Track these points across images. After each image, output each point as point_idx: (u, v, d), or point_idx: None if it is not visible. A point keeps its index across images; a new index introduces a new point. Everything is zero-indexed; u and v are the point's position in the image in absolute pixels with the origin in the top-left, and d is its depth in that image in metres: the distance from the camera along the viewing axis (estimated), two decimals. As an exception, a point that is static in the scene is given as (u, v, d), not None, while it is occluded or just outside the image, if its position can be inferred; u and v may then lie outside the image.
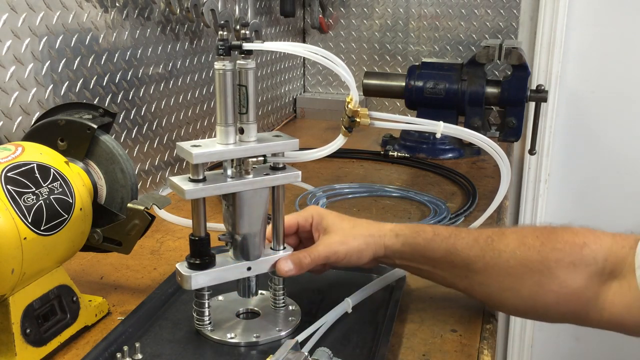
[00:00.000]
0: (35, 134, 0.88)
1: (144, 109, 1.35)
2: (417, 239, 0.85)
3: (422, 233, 0.85)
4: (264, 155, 0.80)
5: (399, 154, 1.65)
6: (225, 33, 0.75)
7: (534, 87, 1.69)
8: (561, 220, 2.27)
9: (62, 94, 1.11)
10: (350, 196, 1.39)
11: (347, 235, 0.86)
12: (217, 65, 0.76)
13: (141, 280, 1.01)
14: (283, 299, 0.88)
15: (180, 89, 1.48)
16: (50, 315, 0.80)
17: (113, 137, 0.90)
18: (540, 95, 1.67)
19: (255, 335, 0.82)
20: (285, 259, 0.83)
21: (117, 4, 1.24)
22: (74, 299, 0.83)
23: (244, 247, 0.82)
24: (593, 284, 0.78)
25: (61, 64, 1.11)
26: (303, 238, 0.92)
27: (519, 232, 0.83)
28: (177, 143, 0.79)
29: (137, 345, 0.77)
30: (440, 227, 0.87)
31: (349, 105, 0.80)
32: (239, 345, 0.81)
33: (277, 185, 0.83)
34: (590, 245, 0.79)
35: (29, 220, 0.73)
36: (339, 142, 0.82)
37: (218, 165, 1.12)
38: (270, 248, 0.86)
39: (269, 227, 0.85)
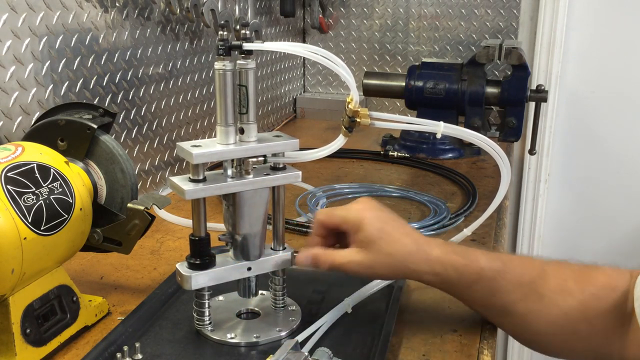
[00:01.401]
0: (35, 134, 0.88)
1: (144, 109, 1.35)
2: (460, 281, 0.80)
3: (467, 276, 0.79)
4: (264, 156, 0.80)
5: (399, 154, 1.65)
6: (225, 33, 0.75)
7: (534, 87, 1.69)
8: (561, 220, 2.26)
9: (62, 94, 1.11)
10: (350, 196, 1.39)
11: (377, 262, 0.80)
12: (217, 65, 0.76)
13: (141, 280, 1.01)
14: (283, 299, 0.88)
15: (180, 89, 1.48)
16: (50, 315, 0.80)
17: (113, 137, 0.90)
18: (540, 95, 1.67)
19: (255, 335, 0.82)
20: (307, 253, 0.82)
21: (117, 4, 1.24)
22: (74, 299, 0.83)
23: (244, 247, 0.82)
24: (618, 326, 0.77)
25: (61, 64, 1.11)
26: (343, 235, 0.85)
27: (560, 273, 0.80)
28: (177, 143, 0.79)
29: (137, 345, 0.77)
30: (487, 261, 0.80)
31: (349, 105, 0.80)
32: (239, 345, 0.81)
33: (278, 185, 0.83)
34: (618, 286, 0.77)
35: (29, 220, 0.73)
36: (339, 142, 0.82)
37: (218, 165, 1.12)
38: (271, 248, 0.86)
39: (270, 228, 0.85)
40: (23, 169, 0.76)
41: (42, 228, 0.75)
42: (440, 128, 0.84)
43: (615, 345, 0.78)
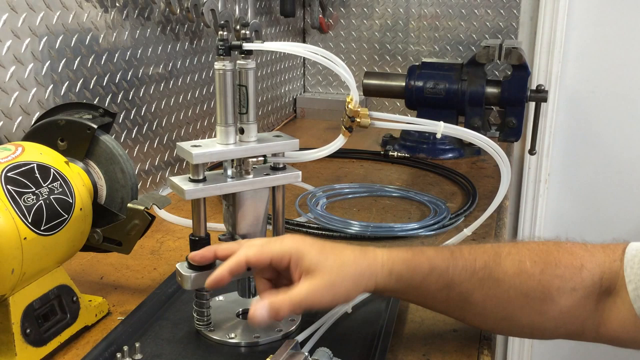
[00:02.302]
0: (35, 134, 0.88)
1: (144, 109, 1.35)
2: (413, 276, 0.76)
3: (417, 269, 0.76)
4: (264, 156, 0.80)
5: (399, 154, 1.65)
6: (225, 33, 0.75)
7: (534, 87, 1.69)
8: (561, 220, 2.26)
9: (62, 94, 1.11)
10: (350, 196, 1.39)
11: (333, 277, 0.73)
12: (217, 65, 0.76)
13: (141, 280, 1.01)
14: (283, 299, 0.88)
15: (180, 89, 1.48)
16: (50, 315, 0.80)
17: (113, 137, 0.90)
18: (540, 95, 1.67)
19: (255, 335, 0.82)
20: (261, 305, 0.71)
21: (117, 4, 1.24)
22: (74, 299, 0.83)
23: (244, 247, 0.82)
24: (590, 303, 0.76)
25: (61, 64, 1.11)
26: (280, 270, 0.77)
27: (515, 255, 0.77)
28: (177, 143, 0.79)
29: (137, 345, 0.77)
30: (437, 255, 0.77)
31: (349, 105, 0.80)
32: (239, 345, 0.81)
33: (278, 185, 0.83)
34: (586, 266, 0.75)
35: (29, 220, 0.73)
36: (339, 142, 0.82)
37: (218, 165, 1.12)
38: (270, 248, 0.86)
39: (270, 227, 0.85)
40: (23, 169, 0.76)
41: (42, 228, 0.75)
42: (440, 128, 0.84)
43: (588, 322, 0.76)
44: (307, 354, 0.73)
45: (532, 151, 1.79)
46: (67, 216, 0.78)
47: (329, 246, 0.76)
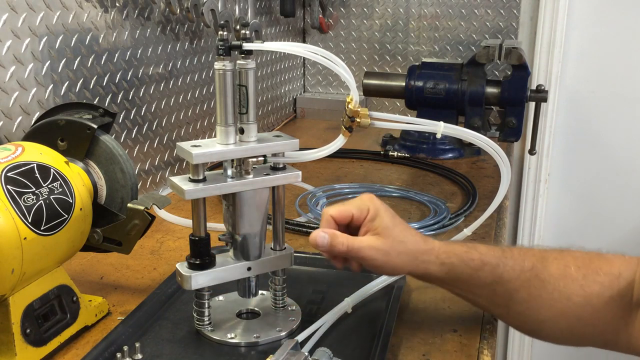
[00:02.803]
0: (35, 134, 0.88)
1: (144, 109, 1.35)
2: (464, 269, 0.80)
3: (470, 262, 0.80)
4: (264, 156, 0.80)
5: (399, 154, 1.65)
6: (225, 33, 0.75)
7: (534, 87, 1.69)
8: (561, 220, 2.26)
9: (62, 94, 1.11)
10: (350, 196, 1.39)
11: (392, 248, 0.79)
12: (217, 65, 0.76)
13: (141, 280, 1.01)
14: (283, 299, 0.88)
15: (180, 89, 1.48)
16: (50, 315, 0.80)
17: (113, 137, 0.90)
18: (540, 95, 1.67)
19: (255, 335, 0.82)
20: (325, 233, 0.79)
21: (117, 4, 1.24)
22: (74, 299, 0.83)
23: (244, 247, 0.82)
24: (624, 313, 0.77)
25: (61, 64, 1.11)
26: (352, 229, 0.84)
27: (560, 260, 0.80)
28: (177, 143, 0.79)
29: (137, 345, 0.77)
30: (488, 252, 0.81)
31: (349, 105, 0.80)
32: (239, 345, 0.81)
33: (278, 185, 0.83)
34: (623, 274, 0.78)
35: (29, 220, 0.73)
36: (339, 142, 0.82)
37: (218, 165, 1.12)
38: (271, 248, 0.86)
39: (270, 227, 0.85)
40: (23, 169, 0.76)
41: (42, 228, 0.75)
42: (440, 128, 0.84)
43: (621, 333, 0.78)
44: (307, 354, 0.73)
45: (532, 151, 1.79)
46: (67, 216, 0.78)
47: (399, 218, 0.83)
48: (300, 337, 0.78)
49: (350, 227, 0.83)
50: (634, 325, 0.77)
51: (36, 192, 0.75)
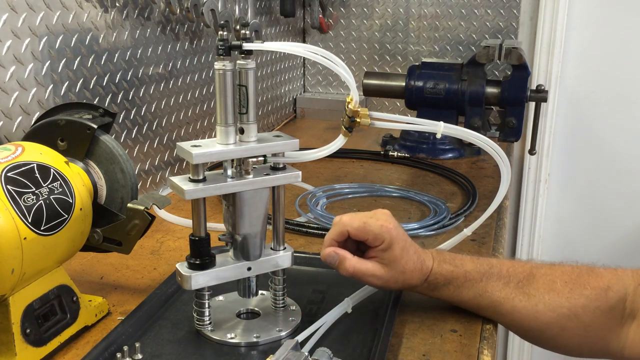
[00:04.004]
0: (35, 134, 0.88)
1: (144, 109, 1.35)
2: (448, 287, 0.86)
3: (452, 280, 0.85)
4: (264, 156, 0.80)
5: (399, 154, 1.65)
6: (225, 33, 0.75)
7: (534, 87, 1.69)
8: (561, 220, 2.26)
9: (62, 94, 1.11)
10: (350, 196, 1.39)
11: (393, 278, 0.85)
12: (217, 65, 0.76)
13: (141, 280, 1.01)
14: (283, 299, 0.88)
15: (180, 89, 1.48)
16: (50, 315, 0.80)
17: (113, 137, 0.90)
18: (540, 95, 1.67)
19: (255, 335, 0.82)
20: (336, 253, 0.84)
21: (117, 4, 1.24)
22: (74, 299, 0.83)
23: (244, 247, 0.82)
24: (615, 325, 0.80)
25: (61, 64, 1.11)
26: (360, 244, 0.88)
27: (549, 276, 0.85)
28: (177, 143, 0.79)
29: (137, 345, 0.77)
30: (474, 268, 0.86)
31: (349, 105, 0.80)
32: (239, 345, 0.81)
33: (278, 185, 0.83)
34: (613, 288, 0.81)
35: (29, 220, 0.73)
36: (339, 142, 0.82)
37: (218, 165, 1.12)
38: (271, 248, 0.86)
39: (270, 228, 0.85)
40: (23, 169, 0.76)
41: (42, 228, 0.75)
42: (440, 128, 0.84)
43: (612, 342, 0.81)
44: (307, 354, 0.73)
45: (532, 151, 1.79)
46: (67, 216, 0.78)
47: (407, 245, 0.85)
48: (300, 337, 0.78)
49: (359, 243, 0.87)
50: (627, 336, 0.80)
51: (36, 192, 0.75)
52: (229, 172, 0.79)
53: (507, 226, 1.45)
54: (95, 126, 0.86)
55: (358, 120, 0.80)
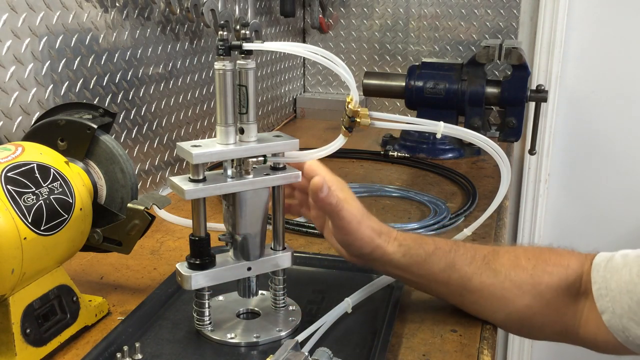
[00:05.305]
0: (35, 134, 0.88)
1: (144, 109, 1.35)
2: (418, 251, 0.84)
3: (424, 245, 0.85)
4: (264, 156, 0.80)
5: (399, 154, 1.65)
6: (225, 33, 0.75)
7: (534, 87, 1.69)
8: (561, 220, 2.27)
9: (62, 94, 1.11)
10: (350, 196, 1.39)
11: (364, 218, 0.83)
12: (217, 65, 0.76)
13: (141, 280, 1.01)
14: (283, 299, 0.88)
15: (180, 89, 1.48)
16: (50, 315, 0.80)
17: (113, 137, 0.90)
18: (540, 95, 1.67)
19: (255, 335, 0.82)
20: (324, 183, 0.80)
21: (117, 4, 1.24)
22: (74, 299, 0.83)
23: (244, 247, 0.82)
24: (572, 303, 0.82)
25: (61, 64, 1.11)
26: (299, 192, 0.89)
27: (511, 253, 0.86)
28: (177, 143, 0.79)
29: (137, 345, 0.77)
30: (441, 240, 0.87)
31: (349, 105, 0.80)
32: (239, 345, 0.81)
33: (278, 185, 0.83)
34: (571, 265, 0.83)
35: (29, 220, 0.73)
36: (339, 142, 0.82)
37: (218, 165, 1.12)
38: (271, 248, 0.86)
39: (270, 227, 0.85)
40: (23, 169, 0.76)
41: (42, 228, 0.75)
42: (440, 128, 0.84)
43: (569, 322, 0.82)
44: (307, 354, 0.73)
45: (532, 151, 1.79)
46: (67, 216, 0.78)
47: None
48: (300, 337, 0.78)
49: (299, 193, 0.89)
50: (582, 313, 0.81)
51: (36, 192, 0.75)
52: (229, 172, 0.79)
53: (507, 226, 1.45)
54: (95, 126, 0.86)
55: (358, 120, 0.80)
